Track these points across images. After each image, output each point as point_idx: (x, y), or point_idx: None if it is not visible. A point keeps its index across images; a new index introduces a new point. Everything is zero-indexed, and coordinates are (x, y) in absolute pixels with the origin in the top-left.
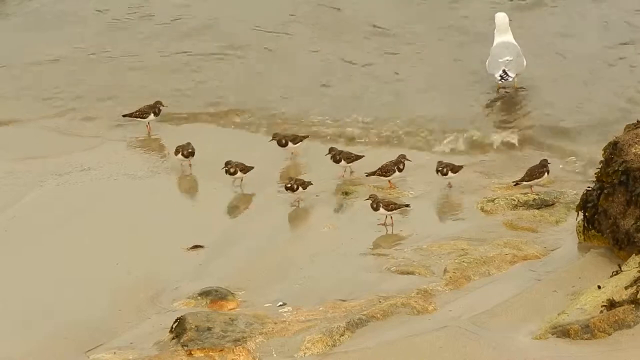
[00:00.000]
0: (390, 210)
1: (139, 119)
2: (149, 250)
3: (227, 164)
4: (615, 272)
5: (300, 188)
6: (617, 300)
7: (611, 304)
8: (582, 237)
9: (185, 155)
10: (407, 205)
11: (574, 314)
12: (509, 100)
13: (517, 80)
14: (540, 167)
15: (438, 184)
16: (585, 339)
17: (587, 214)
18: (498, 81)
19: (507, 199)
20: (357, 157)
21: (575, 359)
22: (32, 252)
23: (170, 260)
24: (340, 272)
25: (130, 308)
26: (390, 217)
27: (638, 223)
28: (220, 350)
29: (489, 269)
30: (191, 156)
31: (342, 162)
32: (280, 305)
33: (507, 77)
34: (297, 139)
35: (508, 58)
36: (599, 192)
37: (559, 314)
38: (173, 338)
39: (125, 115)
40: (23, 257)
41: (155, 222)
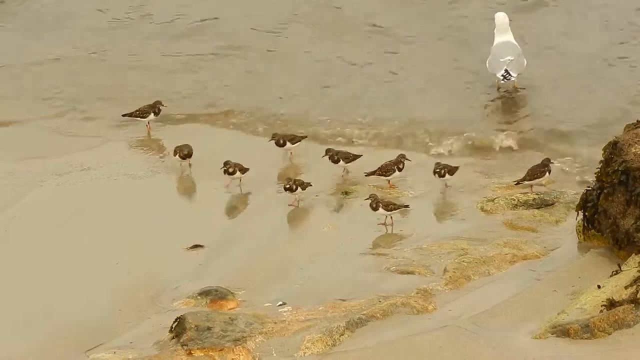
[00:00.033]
0: (389, 210)
1: (139, 118)
2: (149, 250)
3: (226, 164)
4: (615, 272)
5: (299, 189)
6: (617, 300)
7: (611, 304)
8: (582, 236)
9: (181, 157)
10: (407, 206)
11: (574, 314)
12: (508, 100)
13: (517, 80)
14: (541, 167)
15: (438, 184)
16: (585, 338)
17: (587, 213)
18: (500, 81)
19: (507, 199)
20: (355, 157)
21: (575, 358)
22: (32, 252)
23: (170, 260)
24: (340, 272)
25: (130, 308)
26: (390, 217)
27: (638, 223)
28: (220, 349)
29: (488, 269)
30: (188, 157)
31: (340, 162)
32: (280, 305)
33: (509, 76)
34: (295, 139)
35: (509, 58)
36: (598, 191)
37: (558, 314)
38: (173, 338)
39: (125, 114)
40: (23, 257)
41: (155, 222)
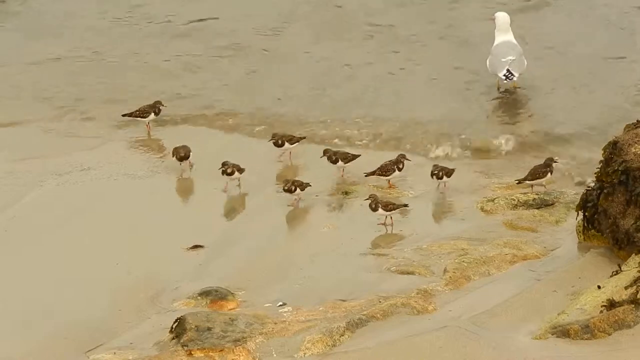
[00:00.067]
0: (388, 210)
1: (139, 118)
2: (149, 250)
3: (224, 165)
4: (615, 272)
5: (298, 189)
6: (617, 300)
7: (611, 304)
8: (582, 237)
9: (178, 159)
10: (406, 205)
11: (574, 314)
12: (508, 100)
13: (516, 80)
14: (544, 167)
15: (438, 184)
16: (585, 339)
17: (587, 213)
18: (503, 81)
19: (507, 199)
20: (353, 157)
21: (575, 359)
22: (32, 252)
23: (170, 260)
24: (340, 272)
25: (130, 308)
26: (390, 217)
27: (638, 223)
28: (220, 350)
29: (488, 269)
30: (185, 159)
31: (339, 162)
32: (280, 305)
33: (511, 76)
34: (293, 140)
35: (511, 57)
36: (598, 191)
37: (558, 314)
38: (173, 338)
39: (125, 114)
40: (23, 257)
41: (155, 222)
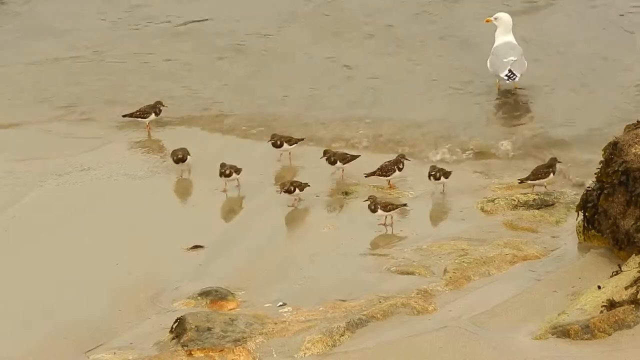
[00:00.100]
0: (388, 210)
1: (139, 119)
2: (149, 250)
3: (222, 166)
4: (615, 272)
5: (297, 190)
6: (617, 301)
7: (611, 304)
8: (582, 237)
9: (175, 161)
10: (405, 205)
11: (574, 314)
12: (508, 101)
13: (517, 81)
14: (546, 167)
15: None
16: (585, 339)
17: (587, 214)
18: (505, 81)
19: (507, 199)
20: (352, 158)
21: (576, 359)
22: (32, 252)
23: (170, 260)
24: (340, 272)
25: (130, 308)
26: (390, 217)
27: (638, 223)
28: (220, 350)
29: (489, 269)
30: (182, 162)
31: (337, 163)
32: (280, 306)
33: (514, 76)
34: (292, 140)
35: (513, 58)
36: (599, 192)
37: (559, 314)
38: (173, 338)
39: (126, 115)
40: (23, 257)
41: (155, 222)
